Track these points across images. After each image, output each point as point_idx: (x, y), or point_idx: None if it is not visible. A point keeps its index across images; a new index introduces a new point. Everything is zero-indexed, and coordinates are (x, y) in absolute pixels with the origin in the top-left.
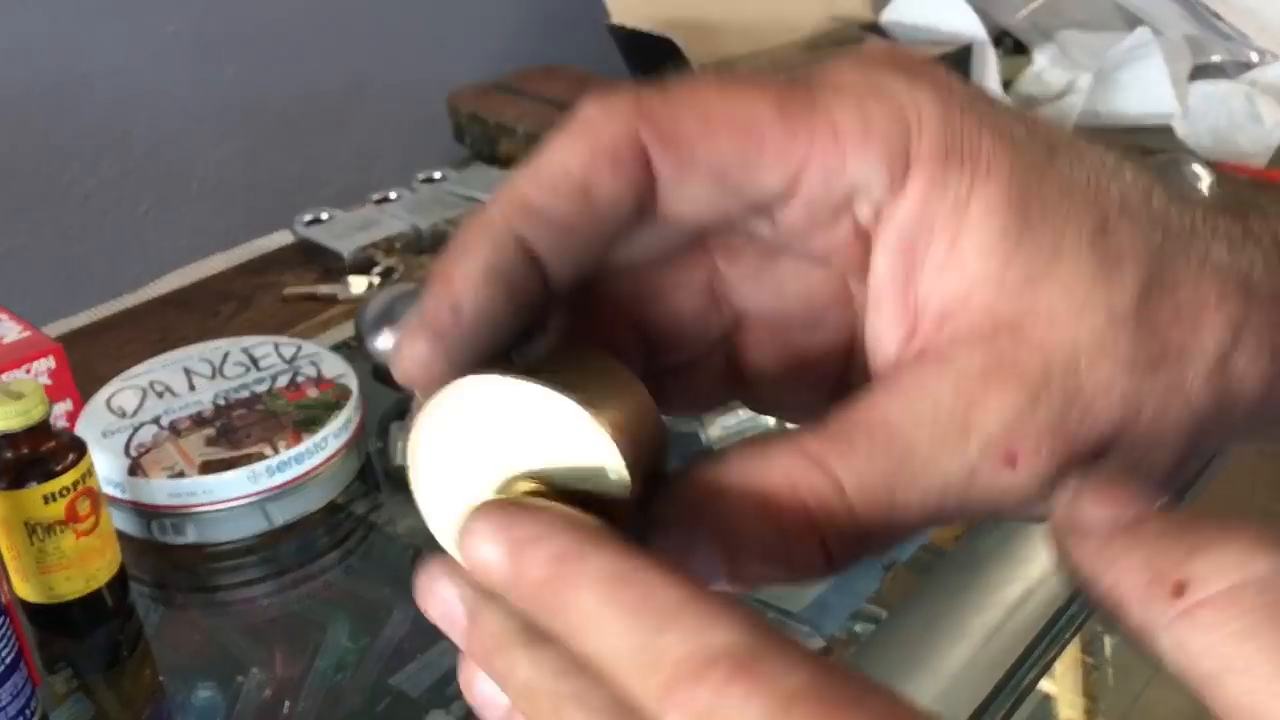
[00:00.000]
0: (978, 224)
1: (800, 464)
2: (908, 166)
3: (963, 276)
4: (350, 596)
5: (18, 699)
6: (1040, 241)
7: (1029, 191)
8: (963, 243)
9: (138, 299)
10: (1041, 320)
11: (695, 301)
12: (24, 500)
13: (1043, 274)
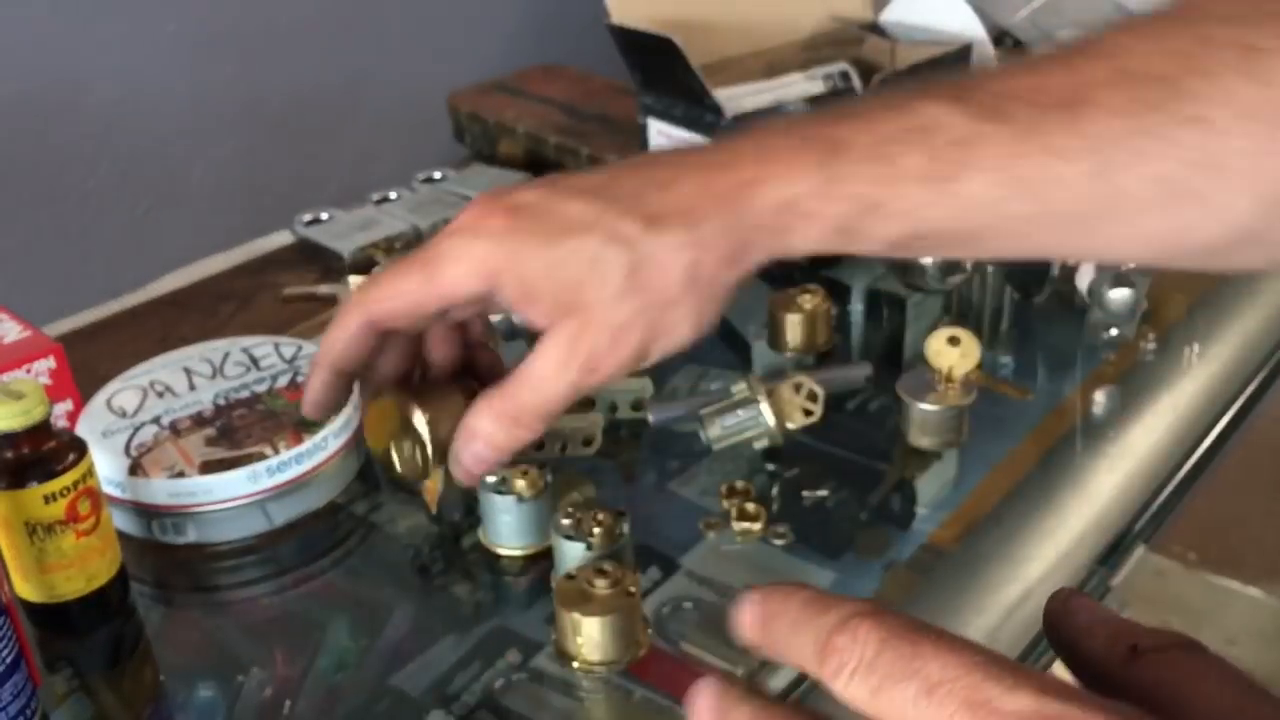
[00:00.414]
0: (538, 287)
1: (498, 398)
2: (497, 276)
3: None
4: (350, 596)
5: (18, 698)
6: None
7: (552, 264)
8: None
9: (138, 299)
10: (586, 308)
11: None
12: (24, 500)
13: (576, 293)
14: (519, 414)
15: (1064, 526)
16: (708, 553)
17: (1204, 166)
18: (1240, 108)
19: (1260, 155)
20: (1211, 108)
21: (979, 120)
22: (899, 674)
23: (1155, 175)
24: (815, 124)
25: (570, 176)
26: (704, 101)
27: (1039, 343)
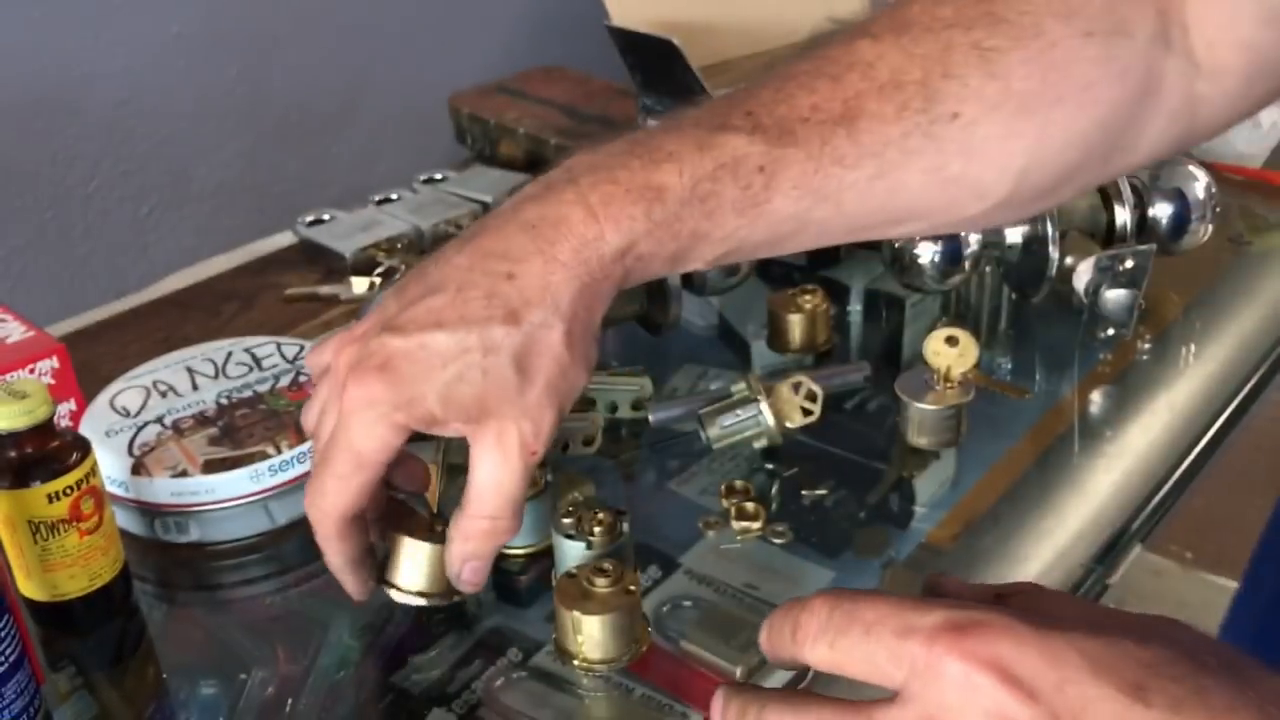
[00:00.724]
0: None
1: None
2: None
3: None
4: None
5: (21, 697)
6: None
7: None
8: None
9: (141, 299)
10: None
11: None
12: (28, 499)
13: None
14: (491, 523)
15: (1061, 525)
16: (707, 552)
17: (964, 154)
18: (985, 101)
19: (1006, 138)
20: (962, 104)
21: (775, 146)
22: (844, 626)
23: (926, 167)
24: (632, 169)
25: (411, 290)
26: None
27: (1036, 343)
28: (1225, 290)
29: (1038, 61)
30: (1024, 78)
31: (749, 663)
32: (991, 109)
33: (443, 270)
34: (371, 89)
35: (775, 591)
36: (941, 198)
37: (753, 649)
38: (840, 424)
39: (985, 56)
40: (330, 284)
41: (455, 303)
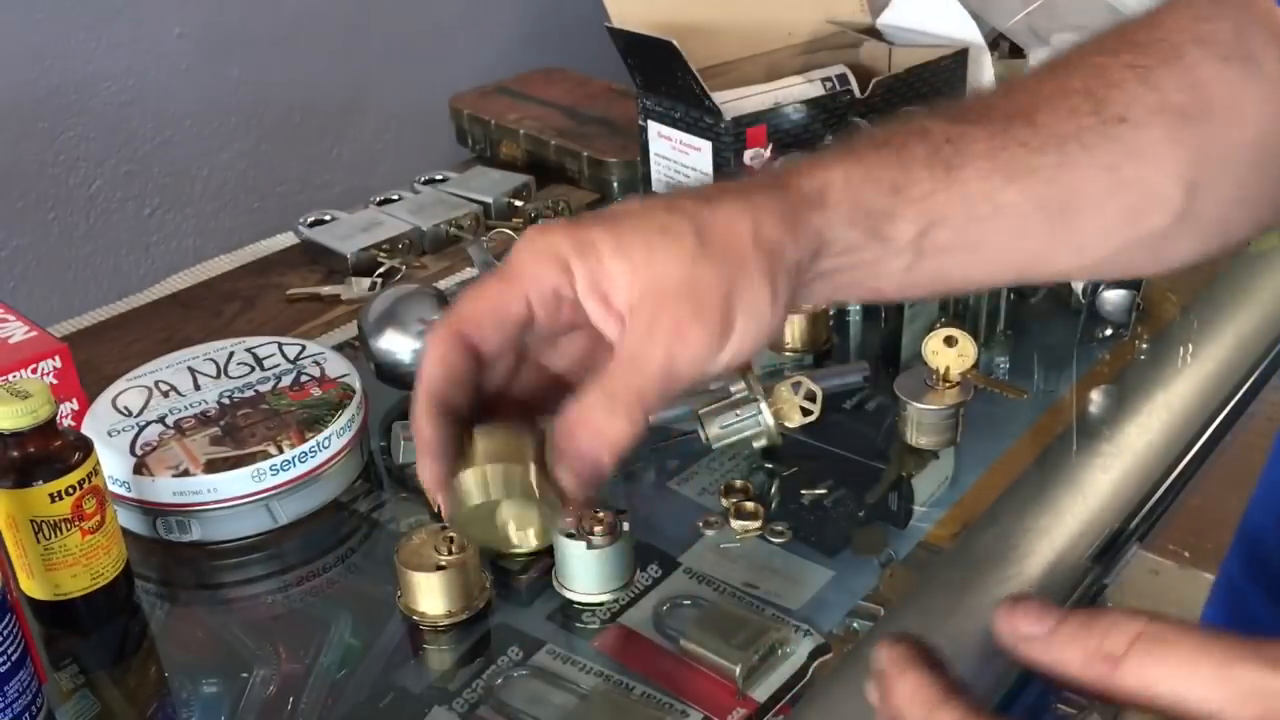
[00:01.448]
0: (610, 263)
1: (596, 390)
2: (567, 264)
3: (622, 286)
4: (353, 594)
5: (24, 695)
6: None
7: (621, 238)
8: (611, 274)
9: (143, 299)
10: (663, 278)
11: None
12: (30, 498)
13: (649, 262)
14: (620, 401)
15: (1059, 525)
16: (707, 551)
17: (1135, 156)
18: (1147, 107)
19: (1171, 144)
20: (1128, 109)
21: (960, 124)
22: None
23: (1103, 164)
24: (821, 149)
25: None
26: (704, 104)
27: (1035, 343)
28: (1223, 291)
29: (1186, 77)
30: (1176, 90)
31: (748, 661)
32: (1153, 114)
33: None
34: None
35: (774, 590)
36: (1123, 202)
37: (752, 647)
38: (839, 424)
39: (1138, 73)
40: (331, 284)
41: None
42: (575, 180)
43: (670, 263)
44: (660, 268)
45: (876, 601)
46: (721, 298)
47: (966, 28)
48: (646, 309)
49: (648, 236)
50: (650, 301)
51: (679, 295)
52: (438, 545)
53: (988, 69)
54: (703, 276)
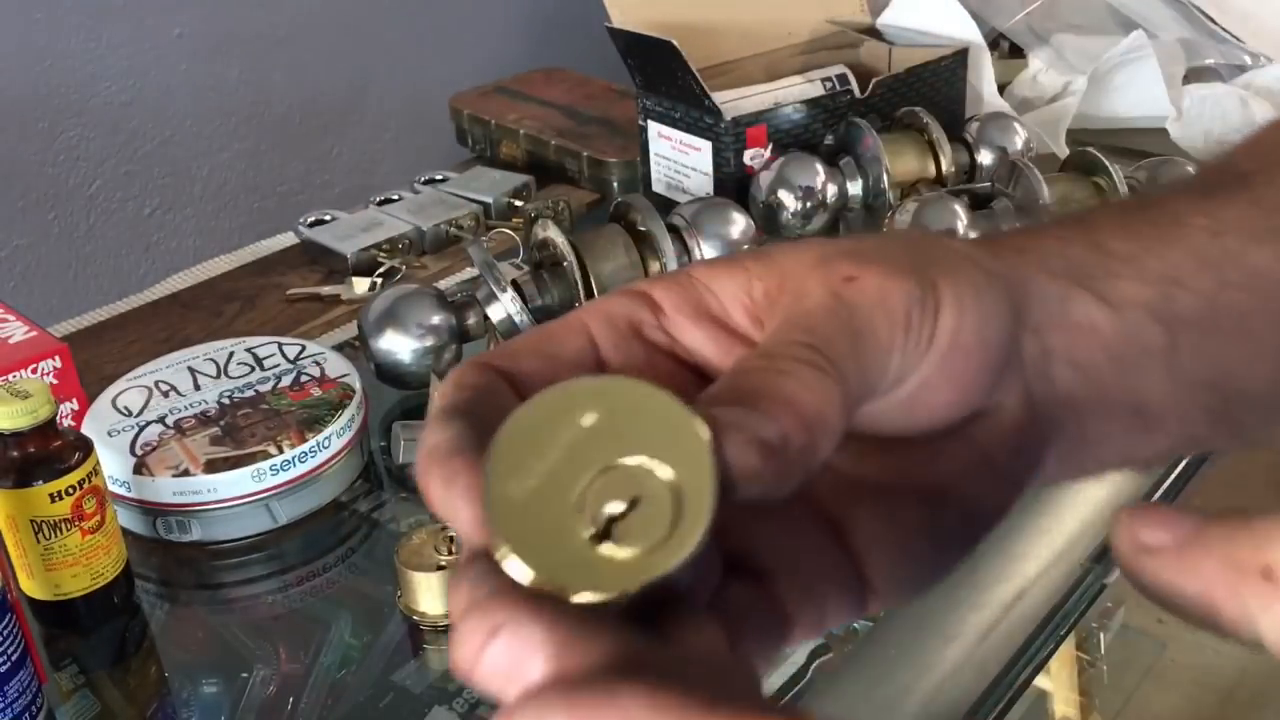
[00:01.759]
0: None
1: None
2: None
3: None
4: (353, 594)
5: (24, 695)
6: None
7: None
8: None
9: (143, 299)
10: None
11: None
12: (30, 498)
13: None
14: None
15: (1059, 524)
16: None
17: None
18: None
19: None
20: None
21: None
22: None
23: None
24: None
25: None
26: (703, 104)
27: None
28: None
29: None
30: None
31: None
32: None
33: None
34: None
35: None
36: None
37: None
38: None
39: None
40: (332, 284)
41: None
42: (575, 180)
43: (806, 253)
44: (789, 264)
45: None
46: (899, 256)
47: (966, 28)
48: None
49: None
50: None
51: (828, 258)
52: (438, 545)
53: (988, 69)
54: (865, 246)
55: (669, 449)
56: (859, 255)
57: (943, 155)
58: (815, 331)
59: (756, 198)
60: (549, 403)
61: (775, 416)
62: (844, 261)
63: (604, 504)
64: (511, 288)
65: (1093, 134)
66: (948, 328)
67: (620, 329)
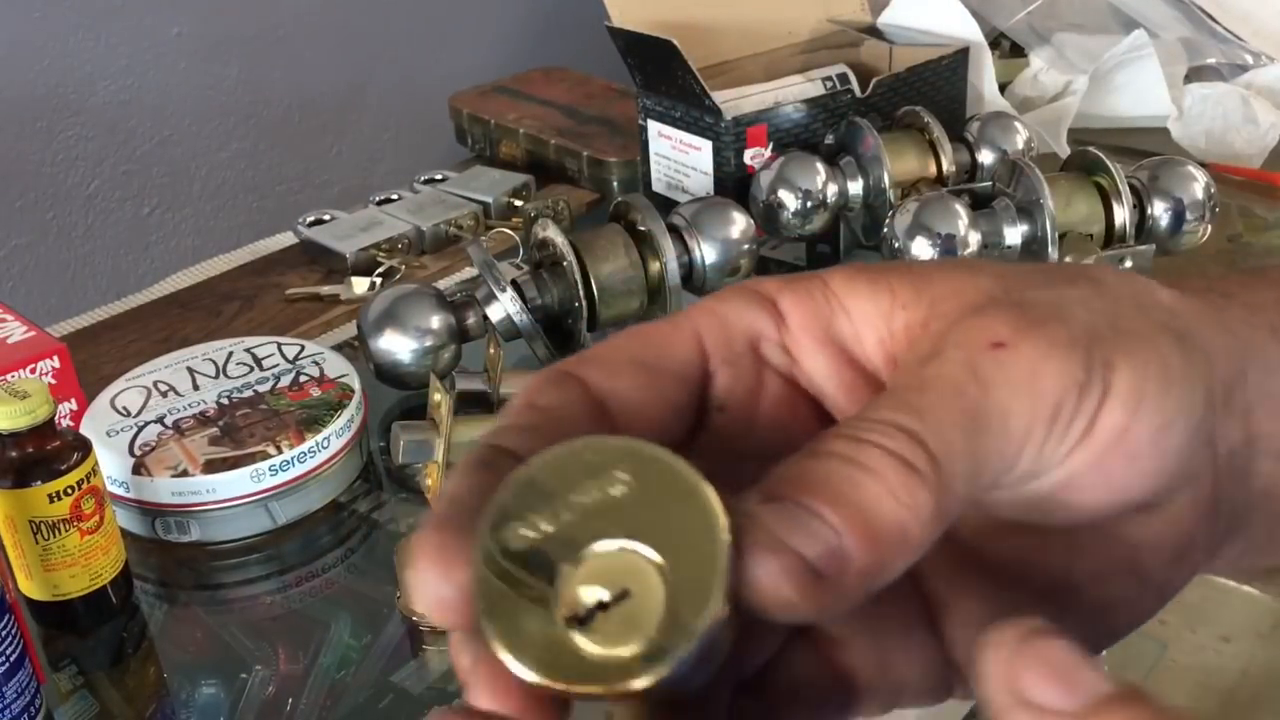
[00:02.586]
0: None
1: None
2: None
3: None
4: (352, 594)
5: (22, 696)
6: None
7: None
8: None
9: (142, 299)
10: (949, 300)
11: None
12: (29, 499)
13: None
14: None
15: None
16: None
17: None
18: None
19: None
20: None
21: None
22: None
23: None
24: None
25: None
26: (704, 103)
27: None
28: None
29: None
30: None
31: None
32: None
33: None
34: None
35: None
36: None
37: None
38: None
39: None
40: (331, 284)
41: None
42: (575, 180)
43: (963, 279)
44: (942, 288)
45: None
46: (1073, 323)
47: (967, 27)
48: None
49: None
50: (934, 340)
51: (987, 304)
52: None
53: (989, 68)
54: (1035, 296)
55: (681, 548)
56: (1024, 310)
57: (943, 155)
58: (927, 415)
59: (757, 197)
60: (563, 461)
61: (835, 526)
62: (1002, 316)
63: (589, 589)
64: (511, 287)
65: (1094, 133)
66: (1112, 425)
67: (735, 341)
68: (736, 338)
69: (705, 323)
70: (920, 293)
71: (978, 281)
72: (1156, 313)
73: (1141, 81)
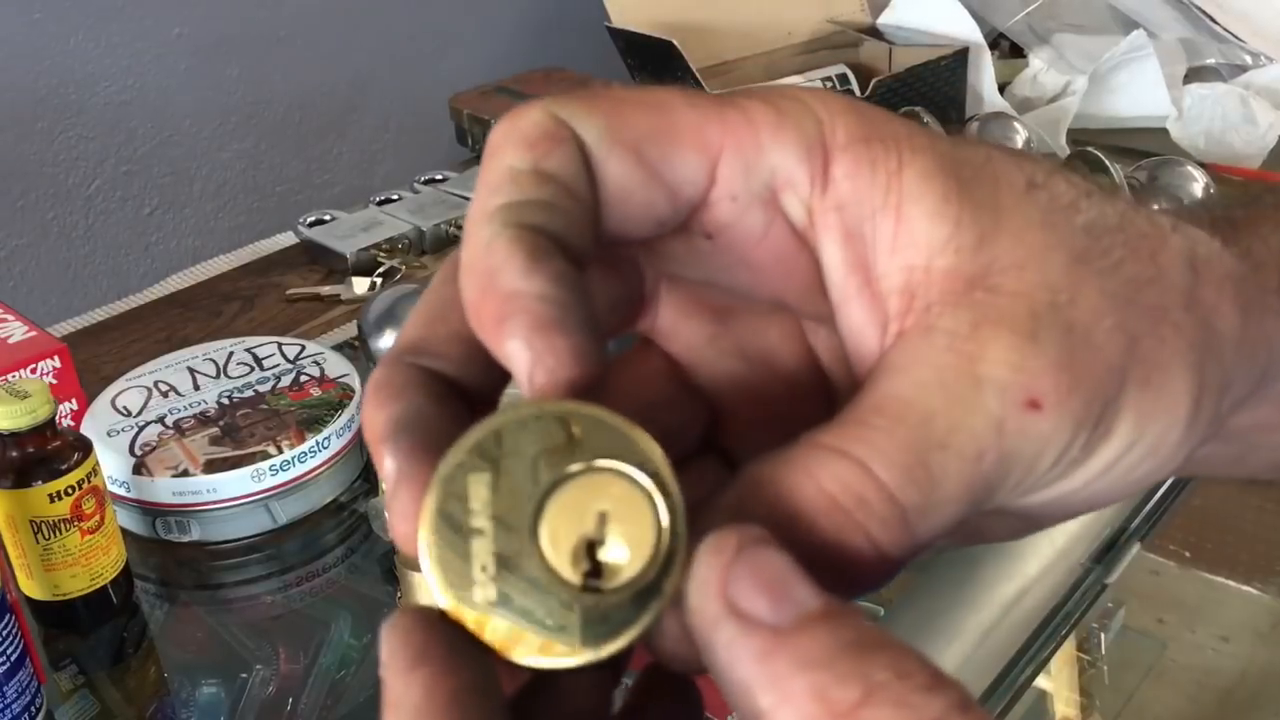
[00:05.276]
0: (917, 194)
1: (820, 458)
2: (827, 155)
3: (918, 248)
4: (353, 594)
5: (23, 695)
6: (980, 200)
7: (955, 159)
8: (907, 215)
9: (143, 299)
10: (1008, 270)
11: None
12: (30, 498)
13: (993, 229)
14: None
15: (1060, 525)
16: None
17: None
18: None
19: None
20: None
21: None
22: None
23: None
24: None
25: None
26: None
27: None
28: None
29: None
30: None
31: None
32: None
33: None
34: (373, 90)
35: None
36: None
37: None
38: None
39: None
40: (331, 284)
41: None
42: None
43: (1035, 254)
44: (1011, 253)
45: (876, 601)
46: (1107, 363)
47: (967, 27)
48: (960, 321)
49: (1001, 186)
50: (972, 310)
51: (1039, 322)
52: None
53: (988, 68)
54: (1088, 301)
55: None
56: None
57: None
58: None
59: None
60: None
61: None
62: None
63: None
64: None
65: (1093, 133)
66: (1107, 458)
67: (755, 178)
68: (758, 175)
69: (733, 147)
70: (982, 247)
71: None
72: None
73: (1141, 82)
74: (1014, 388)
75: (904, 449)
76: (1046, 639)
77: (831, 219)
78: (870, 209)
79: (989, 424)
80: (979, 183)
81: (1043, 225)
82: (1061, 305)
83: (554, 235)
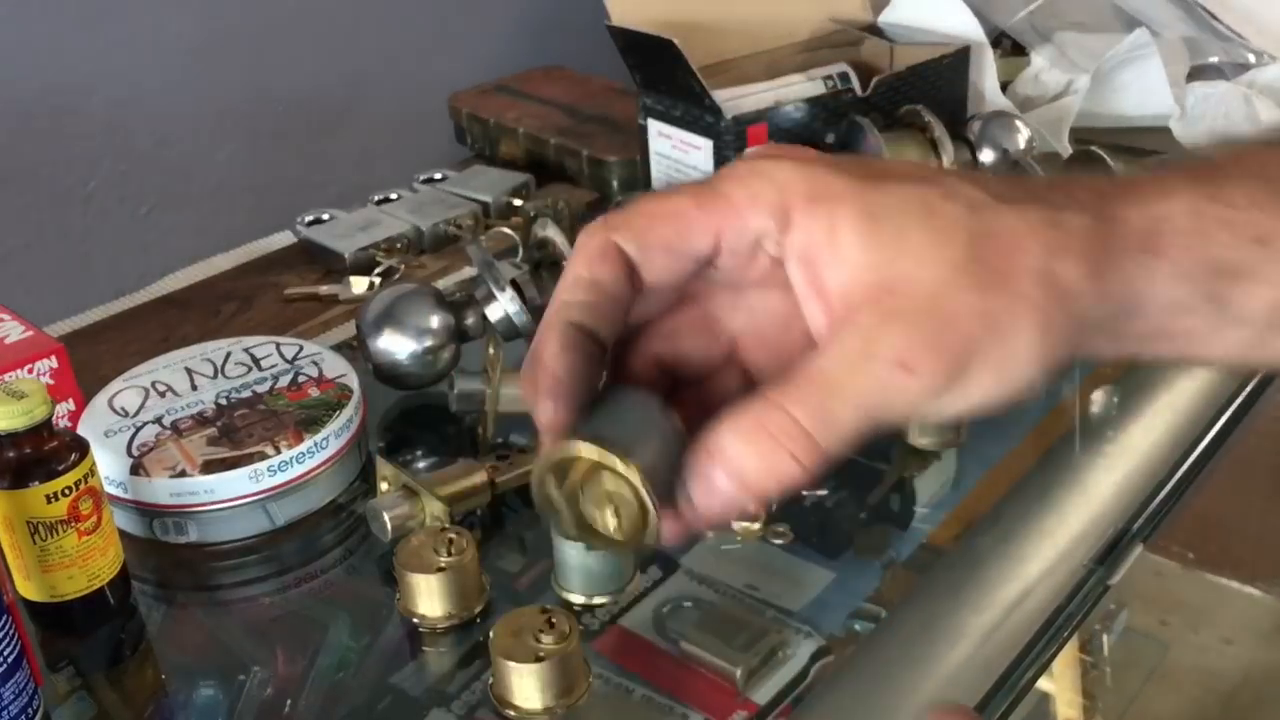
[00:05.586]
0: (847, 233)
1: (764, 408)
2: (787, 214)
3: (848, 269)
4: (351, 595)
5: (20, 698)
6: (890, 233)
7: (874, 204)
8: (840, 247)
9: (140, 299)
10: (905, 280)
11: (697, 337)
12: (26, 499)
13: (897, 253)
14: (792, 434)
15: (1062, 526)
16: (707, 552)
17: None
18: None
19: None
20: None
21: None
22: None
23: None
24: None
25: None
26: (704, 102)
27: None
28: None
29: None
30: None
31: (749, 663)
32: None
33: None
34: (371, 89)
35: (775, 592)
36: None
37: (752, 650)
38: None
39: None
40: (330, 284)
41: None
42: (575, 179)
43: (924, 265)
44: (907, 267)
45: (878, 603)
46: (966, 335)
47: (969, 25)
48: (870, 316)
49: (906, 217)
50: (878, 308)
51: (919, 314)
52: (437, 547)
53: (990, 67)
54: (958, 299)
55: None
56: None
57: (944, 154)
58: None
59: None
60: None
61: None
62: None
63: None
64: (511, 287)
65: (1096, 132)
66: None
67: (745, 237)
68: (747, 240)
69: (725, 221)
70: (891, 265)
71: (935, 271)
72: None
73: (1144, 80)
74: (893, 358)
75: (816, 402)
76: (1049, 641)
77: (795, 252)
78: (818, 245)
79: (874, 383)
80: (889, 219)
81: (933, 244)
82: (938, 302)
83: (588, 329)
